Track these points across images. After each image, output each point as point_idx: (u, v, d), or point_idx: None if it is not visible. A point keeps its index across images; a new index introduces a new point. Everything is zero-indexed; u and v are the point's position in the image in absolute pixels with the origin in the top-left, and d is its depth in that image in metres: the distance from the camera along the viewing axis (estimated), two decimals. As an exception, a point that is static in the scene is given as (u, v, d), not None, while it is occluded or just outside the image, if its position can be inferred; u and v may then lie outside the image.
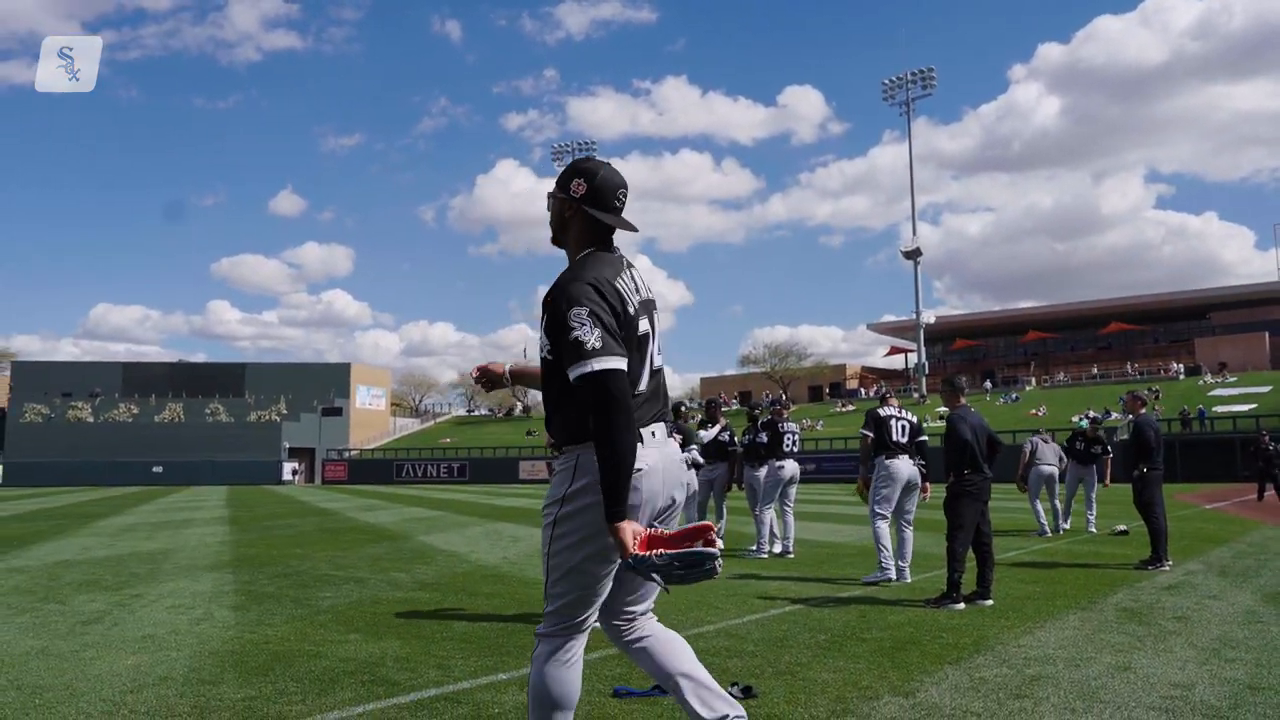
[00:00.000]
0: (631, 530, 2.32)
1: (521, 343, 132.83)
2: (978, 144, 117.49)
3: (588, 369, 2.34)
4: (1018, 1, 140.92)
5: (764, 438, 10.42)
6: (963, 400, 7.07)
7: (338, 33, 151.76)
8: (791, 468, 10.34)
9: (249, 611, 6.62)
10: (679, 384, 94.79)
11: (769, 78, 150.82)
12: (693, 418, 12.91)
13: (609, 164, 2.70)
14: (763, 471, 10.44)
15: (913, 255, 68.38)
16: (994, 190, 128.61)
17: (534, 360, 2.95)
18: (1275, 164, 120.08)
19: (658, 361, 2.64)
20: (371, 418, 78.90)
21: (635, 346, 2.49)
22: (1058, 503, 13.52)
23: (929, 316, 69.39)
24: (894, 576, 7.76)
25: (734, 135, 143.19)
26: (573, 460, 2.49)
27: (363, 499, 31.15)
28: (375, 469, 62.17)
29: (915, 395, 65.09)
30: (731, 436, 10.73)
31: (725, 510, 11.53)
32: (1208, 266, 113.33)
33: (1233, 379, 55.79)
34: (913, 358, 74.99)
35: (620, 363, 2.37)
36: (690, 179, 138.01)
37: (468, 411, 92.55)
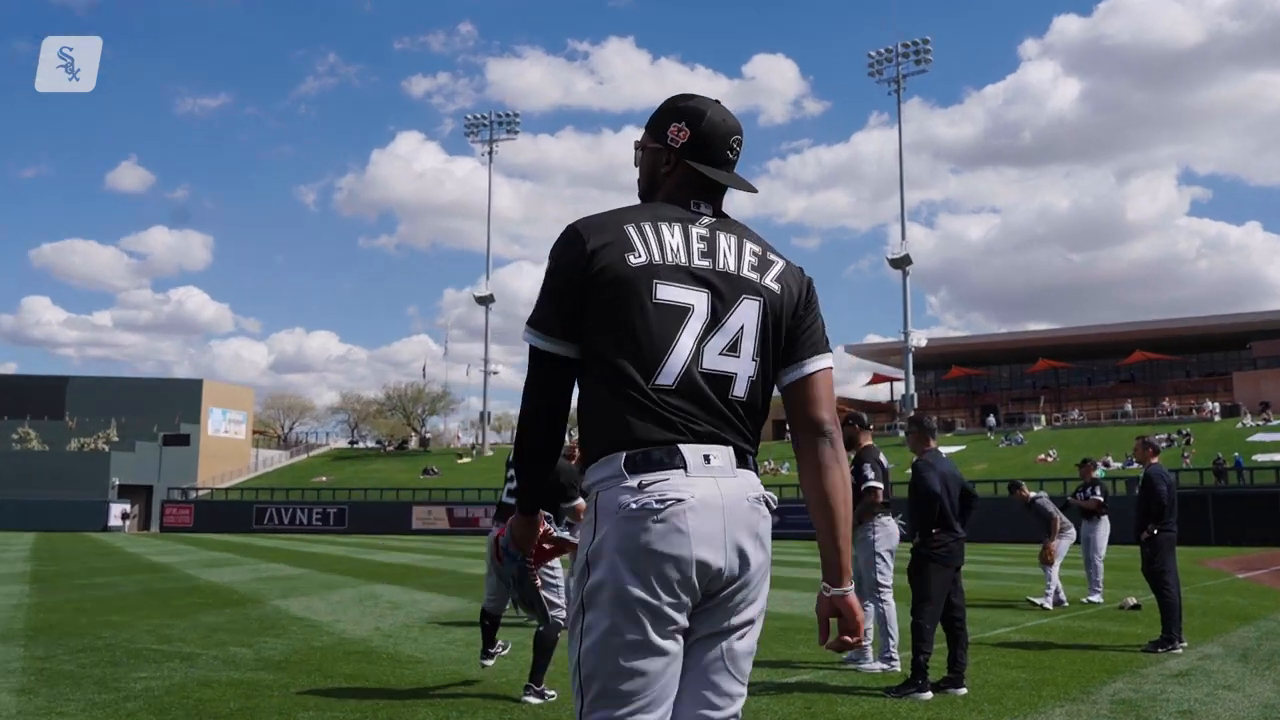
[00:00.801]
0: (530, 527, 2.48)
1: (421, 358, 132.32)
2: (981, 132, 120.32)
3: (525, 338, 2.37)
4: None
5: None
6: (932, 443, 7.21)
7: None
8: None
9: (36, 696, 6.45)
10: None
11: (733, 44, 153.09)
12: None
13: (718, 102, 2.59)
14: None
15: (901, 264, 69.64)
16: (1000, 188, 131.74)
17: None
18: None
19: (719, 361, 2.35)
20: (227, 448, 77.61)
21: (642, 314, 2.28)
22: (1059, 571, 13.79)
23: (920, 338, 70.66)
24: (898, 665, 7.76)
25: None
26: (593, 500, 2.33)
27: (209, 551, 30.60)
28: (229, 513, 61.02)
29: (902, 434, 66.08)
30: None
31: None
32: (1250, 286, 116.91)
33: (1276, 421, 57.64)
34: (899, 388, 76.23)
35: (543, 340, 2.31)
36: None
37: (350, 443, 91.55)
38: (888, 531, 7.88)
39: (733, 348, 2.38)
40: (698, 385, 2.32)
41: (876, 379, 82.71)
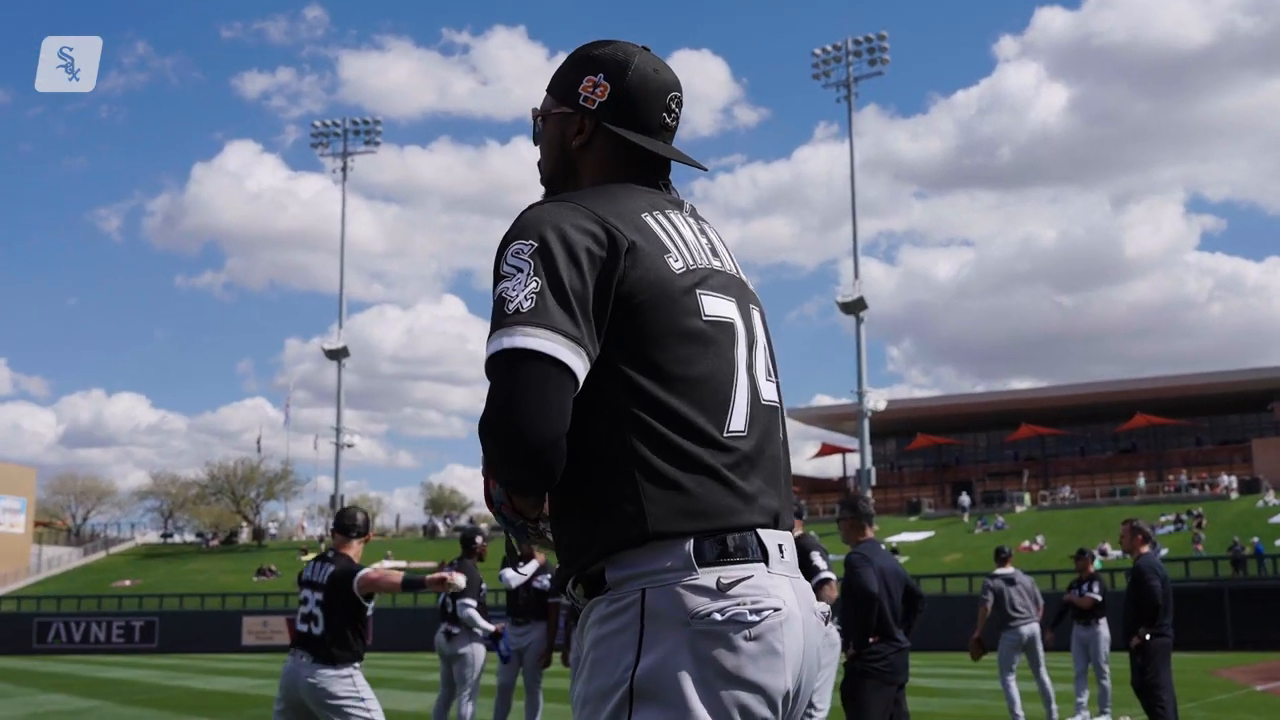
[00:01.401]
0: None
1: (255, 427, 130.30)
2: (951, 148, 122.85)
3: (494, 347, 2.07)
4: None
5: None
6: (869, 532, 7.36)
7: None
8: None
9: None
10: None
11: (650, 38, 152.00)
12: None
13: (647, 49, 2.46)
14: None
15: (855, 308, 70.54)
16: (974, 216, 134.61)
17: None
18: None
19: (768, 388, 2.30)
20: (2, 545, 75.49)
21: (696, 336, 2.15)
22: (1045, 677, 14.07)
23: (878, 400, 71.44)
24: None
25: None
26: (632, 605, 2.06)
27: (-26, 679, 29.61)
28: (2, 629, 59.16)
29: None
30: (554, 581, 10.85)
31: (541, 697, 11.54)
32: (1272, 336, 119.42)
33: (1303, 499, 59.17)
34: (854, 461, 76.91)
35: (554, 344, 2.03)
36: (529, 182, 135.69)
37: (163, 537, 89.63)
38: (829, 641, 8.03)
39: (770, 371, 2.33)
40: (760, 426, 2.21)
41: (825, 449, 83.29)
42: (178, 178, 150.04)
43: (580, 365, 2.04)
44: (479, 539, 11.05)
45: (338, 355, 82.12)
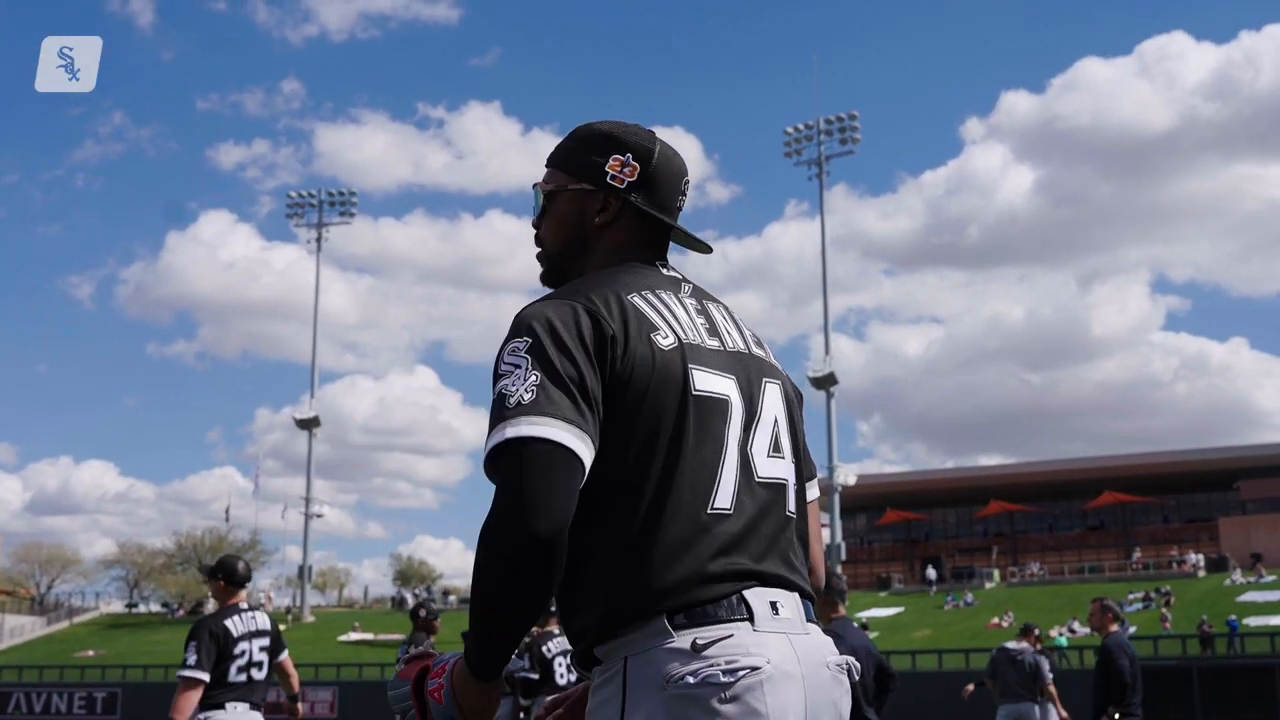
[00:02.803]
0: (485, 699, 2.07)
1: (224, 496, 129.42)
2: (920, 227, 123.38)
3: (495, 439, 2.01)
4: (971, 30, 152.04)
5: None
6: (841, 609, 7.31)
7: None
8: None
9: None
10: (456, 567, 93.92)
11: (622, 113, 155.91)
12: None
13: (653, 132, 2.46)
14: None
15: (825, 383, 70.84)
16: (943, 294, 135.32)
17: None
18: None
19: (769, 465, 2.26)
20: (-37, 614, 74.42)
21: (682, 415, 2.14)
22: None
23: (848, 475, 71.50)
24: None
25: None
26: (616, 674, 2.08)
27: (-70, 751, 29.06)
28: (-38, 700, 58.24)
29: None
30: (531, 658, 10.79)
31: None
32: (1236, 415, 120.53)
33: (1270, 578, 59.32)
34: (824, 536, 76.74)
35: (560, 431, 2.00)
36: (502, 255, 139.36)
37: (128, 606, 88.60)
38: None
39: (776, 447, 2.29)
40: (756, 502, 2.19)
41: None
42: (150, 246, 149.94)
43: (586, 451, 2.02)
44: (423, 612, 10.99)
45: (309, 425, 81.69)
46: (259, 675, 7.21)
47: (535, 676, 10.51)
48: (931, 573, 69.49)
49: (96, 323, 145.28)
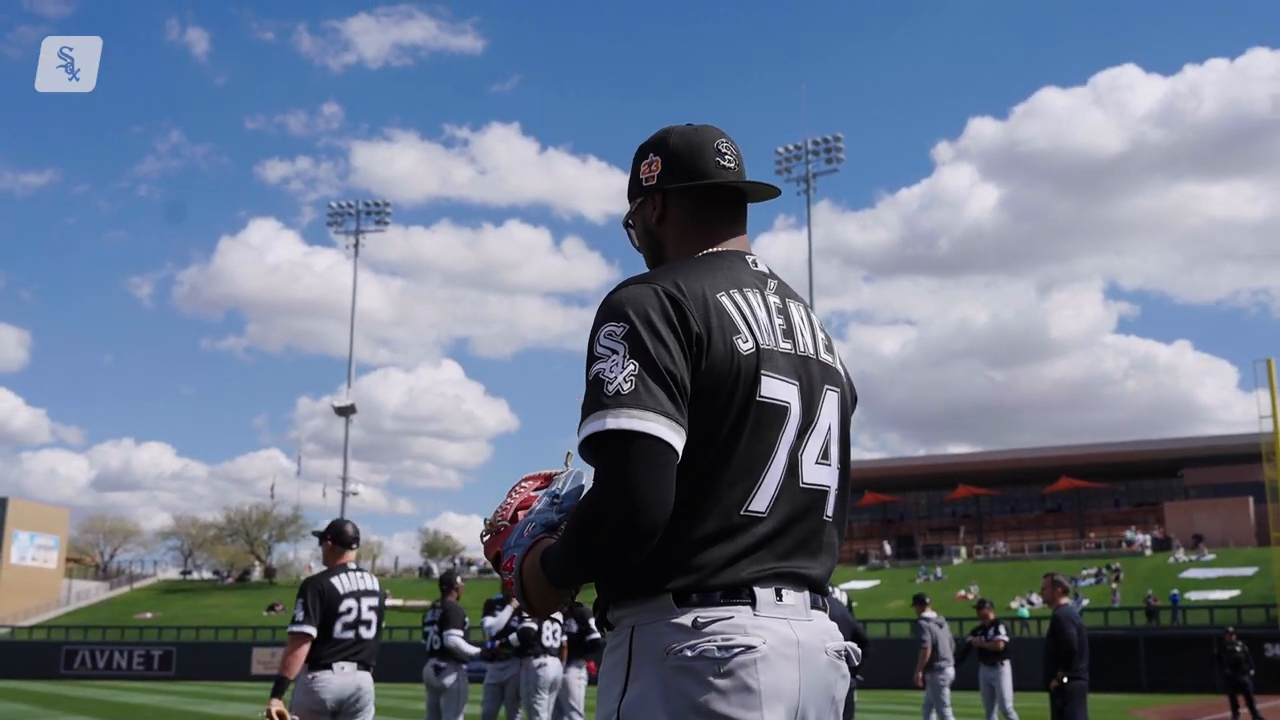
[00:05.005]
0: (555, 600, 2.10)
1: (269, 475, 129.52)
2: (896, 238, 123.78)
3: (596, 426, 1.97)
4: (942, 62, 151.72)
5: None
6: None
7: (28, 30, 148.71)
8: (555, 668, 10.74)
9: None
10: (477, 541, 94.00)
11: (630, 135, 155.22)
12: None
13: (670, 126, 2.49)
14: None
15: (810, 378, 70.96)
16: (916, 298, 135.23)
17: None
18: (1258, 284, 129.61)
19: (815, 472, 2.19)
20: (35, 579, 74.60)
21: (741, 418, 2.07)
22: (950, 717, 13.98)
23: (830, 461, 71.69)
24: None
25: (579, 207, 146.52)
26: (623, 643, 2.06)
27: (1, 702, 29.17)
28: (33, 656, 58.28)
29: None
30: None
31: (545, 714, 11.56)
32: (1180, 410, 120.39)
33: (1210, 556, 59.49)
34: (808, 515, 76.90)
35: (658, 425, 1.95)
36: (519, 261, 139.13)
37: (182, 573, 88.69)
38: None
39: (825, 454, 2.21)
40: (795, 506, 2.12)
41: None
42: (204, 251, 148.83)
43: (681, 444, 1.98)
44: (458, 579, 11.08)
45: (346, 412, 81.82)
46: (368, 634, 6.74)
47: (535, 628, 10.61)
48: (886, 548, 69.44)
49: (155, 319, 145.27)
